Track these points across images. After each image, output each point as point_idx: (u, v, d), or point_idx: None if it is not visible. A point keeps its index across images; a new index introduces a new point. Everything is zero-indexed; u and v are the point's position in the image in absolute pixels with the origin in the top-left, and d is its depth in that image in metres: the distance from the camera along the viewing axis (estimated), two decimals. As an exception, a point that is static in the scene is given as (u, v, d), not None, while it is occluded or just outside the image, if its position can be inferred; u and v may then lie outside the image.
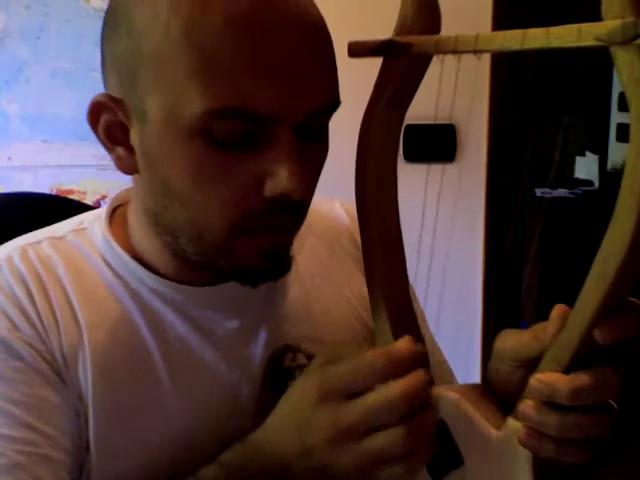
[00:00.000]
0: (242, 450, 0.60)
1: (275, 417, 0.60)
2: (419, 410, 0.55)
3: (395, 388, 0.54)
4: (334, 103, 0.60)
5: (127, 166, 0.62)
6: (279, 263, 0.63)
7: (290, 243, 0.64)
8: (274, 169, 0.56)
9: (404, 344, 0.57)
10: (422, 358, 0.58)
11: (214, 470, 0.60)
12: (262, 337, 0.69)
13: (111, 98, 0.60)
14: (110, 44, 0.60)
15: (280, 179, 0.56)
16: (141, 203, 0.66)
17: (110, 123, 0.61)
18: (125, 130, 0.61)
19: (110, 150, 0.63)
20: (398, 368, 0.55)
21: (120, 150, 0.62)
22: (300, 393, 0.59)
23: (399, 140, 0.61)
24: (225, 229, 0.59)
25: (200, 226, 0.60)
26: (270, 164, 0.57)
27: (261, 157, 0.57)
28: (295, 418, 0.58)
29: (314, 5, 0.60)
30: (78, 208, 0.93)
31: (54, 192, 2.03)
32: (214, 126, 0.55)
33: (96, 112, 0.61)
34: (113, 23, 0.60)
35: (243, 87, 0.54)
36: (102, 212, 0.71)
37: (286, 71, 0.55)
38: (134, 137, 0.60)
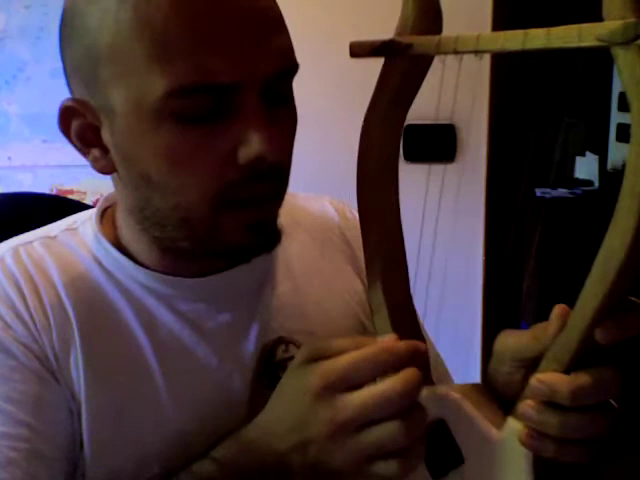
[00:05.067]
0: (236, 446, 0.60)
1: (269, 413, 0.60)
2: (415, 406, 0.55)
3: (394, 381, 0.54)
4: (293, 66, 0.60)
5: (104, 166, 0.63)
6: (267, 236, 0.63)
7: (276, 214, 0.64)
8: (245, 136, 0.57)
9: (406, 341, 0.57)
10: (423, 356, 0.57)
11: (208, 465, 0.60)
12: (254, 330, 0.69)
13: (78, 101, 0.61)
14: (68, 52, 0.62)
15: (252, 144, 0.57)
16: (124, 202, 0.66)
17: (81, 126, 0.62)
18: (96, 131, 0.61)
19: (85, 153, 0.63)
20: (399, 364, 0.55)
21: (95, 152, 0.63)
22: (297, 388, 0.58)
23: (400, 140, 0.61)
24: (207, 205, 0.59)
25: (184, 208, 0.60)
26: (240, 132, 0.57)
27: (231, 127, 0.57)
28: (292, 413, 0.57)
29: None
30: (78, 208, 0.93)
31: (54, 192, 2.03)
32: (179, 105, 0.56)
33: (66, 118, 0.62)
34: (68, 31, 0.61)
35: (200, 61, 0.55)
36: (93, 212, 0.71)
37: (240, 38, 0.56)
38: (106, 136, 0.61)
